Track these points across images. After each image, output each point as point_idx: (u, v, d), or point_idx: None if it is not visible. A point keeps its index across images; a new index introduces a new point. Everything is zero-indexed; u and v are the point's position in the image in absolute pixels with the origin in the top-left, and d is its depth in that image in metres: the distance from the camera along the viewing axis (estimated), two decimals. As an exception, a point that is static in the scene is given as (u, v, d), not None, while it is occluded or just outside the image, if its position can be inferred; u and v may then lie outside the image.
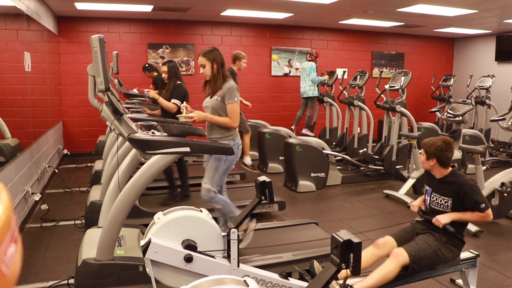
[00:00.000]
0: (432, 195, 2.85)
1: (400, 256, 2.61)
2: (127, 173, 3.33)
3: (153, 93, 4.69)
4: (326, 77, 8.22)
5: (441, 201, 2.80)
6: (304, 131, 8.03)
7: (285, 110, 9.33)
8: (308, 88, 7.95)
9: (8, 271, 0.57)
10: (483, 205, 2.68)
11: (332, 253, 1.96)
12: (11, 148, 4.22)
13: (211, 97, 3.28)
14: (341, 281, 2.33)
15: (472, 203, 2.69)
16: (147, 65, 7.53)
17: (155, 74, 7.26)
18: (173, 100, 4.53)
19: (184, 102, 3.49)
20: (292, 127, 8.08)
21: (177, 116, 3.33)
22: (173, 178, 4.73)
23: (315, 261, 2.82)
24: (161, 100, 4.59)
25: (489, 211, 2.71)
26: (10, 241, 0.60)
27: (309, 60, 8.00)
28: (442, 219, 2.69)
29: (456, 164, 2.90)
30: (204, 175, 3.34)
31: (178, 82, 4.65)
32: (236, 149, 3.25)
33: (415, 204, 3.00)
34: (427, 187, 2.93)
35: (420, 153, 2.92)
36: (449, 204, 2.76)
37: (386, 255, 2.77)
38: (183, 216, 2.53)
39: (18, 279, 0.61)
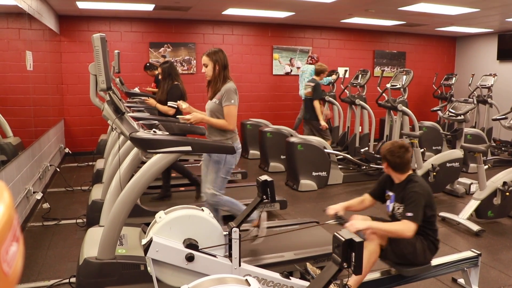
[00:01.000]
0: (395, 202, 2.74)
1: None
2: (129, 172, 3.33)
3: (150, 101, 4.82)
4: (334, 77, 8.22)
5: (398, 208, 2.69)
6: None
7: (287, 109, 9.32)
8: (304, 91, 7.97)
9: (10, 270, 0.57)
10: (410, 214, 2.49)
11: (333, 252, 1.96)
12: (13, 147, 4.23)
13: (211, 99, 3.30)
14: (338, 281, 2.33)
15: (404, 207, 2.56)
16: (148, 64, 7.54)
17: (156, 72, 7.27)
18: (169, 103, 4.56)
19: (184, 103, 3.50)
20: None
21: (177, 116, 3.35)
22: (169, 180, 4.74)
23: (308, 264, 2.82)
24: (158, 106, 4.68)
25: (412, 225, 2.47)
26: (12, 240, 0.60)
27: (310, 63, 8.00)
28: (357, 224, 2.43)
29: (416, 169, 2.77)
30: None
31: (175, 82, 4.63)
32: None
33: (334, 207, 2.74)
34: (390, 193, 2.80)
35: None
36: (401, 211, 2.65)
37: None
38: (184, 215, 2.53)
39: (19, 278, 0.61)
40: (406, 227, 2.49)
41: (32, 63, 5.00)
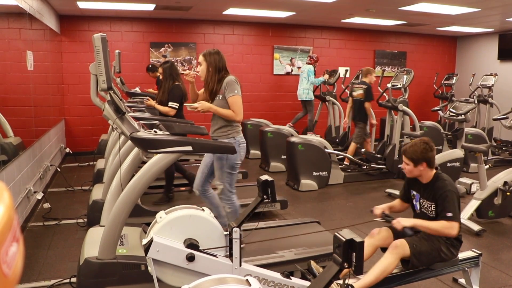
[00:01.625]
0: (421, 200, 2.80)
1: (400, 248, 2.56)
2: (129, 172, 3.33)
3: (149, 102, 4.81)
4: (326, 76, 8.22)
5: (428, 206, 2.74)
6: (309, 135, 8.04)
7: (287, 109, 9.32)
8: (302, 92, 7.99)
9: (9, 271, 0.57)
10: (450, 214, 2.56)
11: (334, 252, 1.96)
12: (13, 147, 4.23)
13: (212, 100, 3.29)
14: (340, 281, 2.33)
15: (441, 207, 2.60)
16: (150, 65, 7.53)
17: (158, 74, 7.26)
18: (170, 104, 4.54)
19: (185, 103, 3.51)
20: (290, 123, 8.14)
21: (184, 104, 3.33)
22: (172, 181, 4.73)
23: (312, 261, 2.82)
24: (158, 106, 4.65)
25: (455, 224, 2.56)
26: (12, 241, 0.59)
27: (308, 63, 8.00)
28: (403, 221, 2.58)
29: (439, 167, 2.84)
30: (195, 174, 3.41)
31: (176, 82, 4.62)
32: (237, 147, 3.24)
33: (380, 207, 2.86)
34: (414, 192, 2.86)
35: (404, 162, 2.77)
36: (433, 209, 2.70)
37: (383, 246, 2.75)
38: (185, 215, 2.53)
39: (21, 278, 0.61)
40: (449, 226, 2.56)
41: (33, 63, 5.00)
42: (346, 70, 8.65)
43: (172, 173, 4.65)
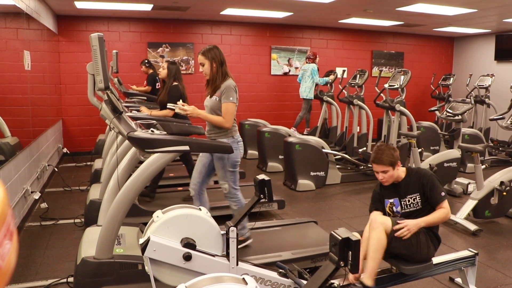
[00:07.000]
0: (402, 202, 2.77)
1: (380, 221, 2.57)
2: (127, 172, 3.33)
3: (143, 109, 4.74)
4: (332, 77, 8.20)
5: (413, 199, 2.74)
6: (292, 130, 8.01)
7: (285, 109, 9.33)
8: (304, 90, 7.97)
9: (3, 263, 0.57)
10: (443, 193, 2.68)
11: (330, 251, 1.96)
12: (10, 147, 4.22)
13: (210, 97, 3.29)
14: (336, 281, 2.33)
15: (432, 191, 2.66)
16: (146, 60, 7.51)
17: (151, 71, 7.26)
18: (168, 105, 4.49)
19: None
20: (292, 128, 8.12)
21: (177, 102, 3.23)
22: (159, 180, 4.70)
23: (293, 265, 2.80)
24: (154, 113, 4.59)
25: (447, 204, 2.67)
26: (5, 235, 0.60)
27: (309, 63, 7.99)
28: (410, 225, 2.56)
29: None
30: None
31: (175, 83, 4.60)
32: (236, 145, 3.25)
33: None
34: (391, 200, 2.81)
35: (381, 171, 2.73)
36: (418, 200, 2.72)
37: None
38: (182, 214, 2.53)
39: (18, 278, 0.61)
40: (446, 208, 2.66)
41: (30, 63, 4.99)
42: (344, 71, 8.65)
43: (160, 173, 4.64)
